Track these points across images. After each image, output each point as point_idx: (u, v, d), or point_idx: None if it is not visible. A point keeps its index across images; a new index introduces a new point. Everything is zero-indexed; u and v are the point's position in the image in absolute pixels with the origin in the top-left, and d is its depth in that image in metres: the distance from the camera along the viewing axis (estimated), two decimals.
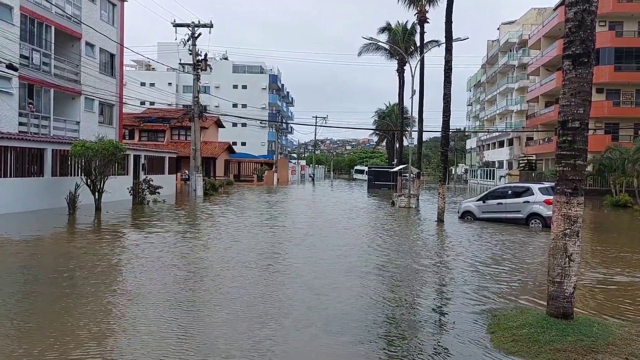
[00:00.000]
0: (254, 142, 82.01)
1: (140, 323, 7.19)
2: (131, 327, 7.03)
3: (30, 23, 25.41)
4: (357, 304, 8.40)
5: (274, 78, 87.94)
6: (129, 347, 6.30)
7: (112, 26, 32.67)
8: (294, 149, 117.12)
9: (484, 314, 7.91)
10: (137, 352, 6.10)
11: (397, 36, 52.52)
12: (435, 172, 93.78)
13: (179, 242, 14.37)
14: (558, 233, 6.94)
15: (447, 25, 23.13)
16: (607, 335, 6.52)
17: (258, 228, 18.13)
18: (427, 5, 45.02)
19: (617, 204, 32.93)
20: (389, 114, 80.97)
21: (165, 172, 33.82)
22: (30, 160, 21.71)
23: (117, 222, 18.99)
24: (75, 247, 13.44)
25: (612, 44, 44.99)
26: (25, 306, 7.85)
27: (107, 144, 21.93)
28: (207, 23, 32.79)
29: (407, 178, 31.83)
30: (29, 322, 7.10)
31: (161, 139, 53.40)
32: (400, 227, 20.13)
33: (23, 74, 24.45)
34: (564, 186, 6.92)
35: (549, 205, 19.18)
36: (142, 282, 9.55)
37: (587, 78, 6.85)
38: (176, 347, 6.31)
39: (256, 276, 10.31)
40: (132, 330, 6.91)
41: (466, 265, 11.96)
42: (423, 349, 6.54)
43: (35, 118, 25.79)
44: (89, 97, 30.09)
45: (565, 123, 6.95)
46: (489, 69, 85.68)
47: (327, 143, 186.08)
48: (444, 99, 22.77)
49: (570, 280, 6.89)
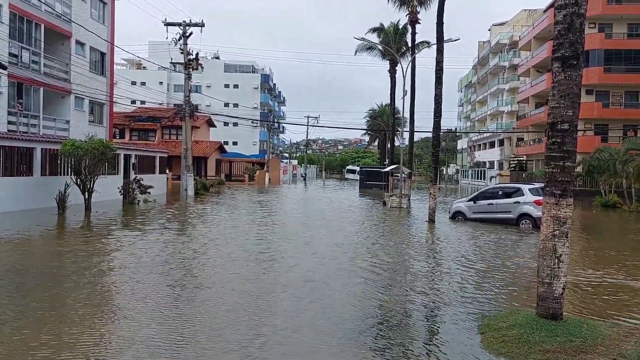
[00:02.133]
0: (246, 141, 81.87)
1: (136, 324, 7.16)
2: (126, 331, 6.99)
3: (20, 21, 25.20)
4: (347, 305, 8.40)
5: (265, 77, 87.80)
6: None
7: (103, 25, 32.47)
8: (285, 149, 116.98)
9: (474, 314, 7.95)
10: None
11: (389, 37, 52.65)
12: (426, 172, 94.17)
13: (169, 242, 14.28)
14: (547, 234, 6.98)
15: (439, 26, 23.22)
16: (596, 335, 6.57)
17: (249, 228, 18.08)
18: (419, 6, 45.14)
19: (607, 204, 33.18)
20: (380, 114, 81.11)
21: (156, 172, 33.65)
22: (20, 160, 21.51)
23: (106, 222, 18.88)
24: (64, 248, 13.34)
25: (601, 45, 45.29)
26: (13, 313, 7.78)
27: (97, 143, 21.79)
28: (199, 22, 32.67)
29: (398, 178, 31.91)
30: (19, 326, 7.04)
31: (152, 138, 53.15)
32: (392, 227, 20.16)
33: (12, 72, 24.24)
34: (553, 187, 6.97)
35: (539, 206, 19.28)
36: (132, 283, 9.50)
37: (576, 80, 6.90)
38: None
39: (251, 278, 10.29)
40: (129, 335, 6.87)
41: (456, 266, 12.00)
42: (413, 349, 6.56)
43: (25, 117, 25.57)
44: (79, 96, 29.89)
45: (555, 125, 6.99)
46: (479, 70, 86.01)
47: (319, 143, 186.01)
48: (435, 100, 22.86)
49: (559, 281, 6.93)
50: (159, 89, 75.12)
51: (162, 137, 53.74)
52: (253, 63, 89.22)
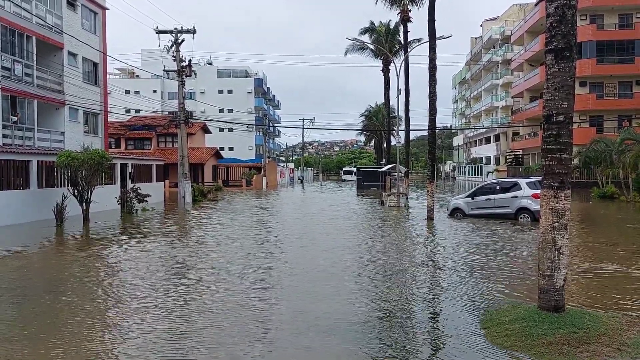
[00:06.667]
0: (242, 146, 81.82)
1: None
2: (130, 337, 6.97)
3: (11, 34, 25.13)
4: (350, 302, 8.38)
5: (259, 82, 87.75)
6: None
7: (95, 35, 32.42)
8: (281, 152, 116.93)
9: (477, 309, 7.94)
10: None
11: (381, 36, 52.72)
12: (423, 170, 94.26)
13: (169, 252, 14.23)
14: (547, 227, 6.98)
15: (430, 24, 23.27)
16: (599, 326, 6.57)
17: (250, 234, 18.05)
18: (410, 4, 45.28)
19: (604, 195, 33.26)
20: (375, 114, 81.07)
21: (153, 180, 33.59)
22: (16, 173, 21.43)
23: (105, 232, 18.77)
24: (65, 260, 13.30)
25: (593, 37, 45.47)
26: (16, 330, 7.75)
27: (93, 153, 21.74)
28: (190, 29, 32.61)
29: (395, 177, 31.93)
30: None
31: (148, 146, 53.07)
32: (391, 226, 20.17)
33: (5, 85, 24.18)
34: (551, 180, 6.96)
35: (537, 200, 19.31)
36: (135, 294, 9.47)
37: (570, 72, 6.90)
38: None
39: (251, 286, 10.27)
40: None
41: (457, 261, 12.00)
42: (417, 345, 6.55)
43: (20, 130, 25.50)
44: (73, 106, 29.82)
45: (550, 117, 6.99)
46: (473, 66, 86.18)
47: (315, 145, 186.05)
48: (430, 97, 22.89)
49: (560, 273, 6.92)
50: (153, 97, 75.12)
51: (158, 145, 53.67)
52: (246, 68, 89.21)
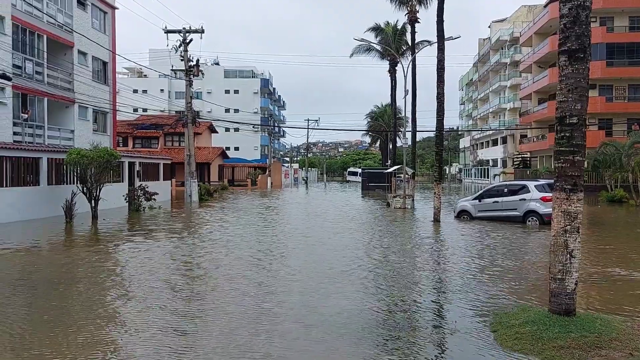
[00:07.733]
0: (247, 146, 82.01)
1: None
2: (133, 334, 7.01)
3: (22, 32, 25.31)
4: (358, 304, 8.38)
5: (265, 82, 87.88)
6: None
7: (104, 34, 32.58)
8: (286, 153, 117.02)
9: (486, 312, 7.91)
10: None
11: (388, 37, 52.62)
12: (429, 172, 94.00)
13: (178, 249, 14.28)
14: (558, 230, 6.94)
15: (439, 24, 23.18)
16: (610, 330, 6.53)
17: (257, 232, 18.07)
18: (418, 5, 45.21)
19: (613, 199, 33.02)
20: (381, 115, 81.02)
21: (160, 179, 33.71)
22: (26, 170, 21.60)
23: (114, 230, 18.86)
24: (77, 257, 13.35)
25: (603, 39, 45.20)
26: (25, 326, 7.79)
27: (101, 151, 21.85)
28: (198, 29, 32.69)
29: (401, 179, 31.84)
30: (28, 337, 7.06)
31: (155, 145, 53.28)
32: (397, 228, 20.11)
33: (16, 83, 24.35)
34: (564, 182, 6.92)
35: (545, 203, 19.25)
36: (145, 290, 9.51)
37: (584, 73, 6.87)
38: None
39: (259, 285, 10.29)
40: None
41: (466, 264, 11.97)
42: (426, 348, 6.53)
43: (30, 127, 25.69)
44: (83, 105, 29.99)
45: (563, 119, 6.95)
46: (480, 68, 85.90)
47: (320, 145, 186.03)
48: (438, 99, 22.78)
49: (571, 277, 6.88)
50: (161, 96, 75.40)
51: (165, 144, 53.88)
52: (252, 68, 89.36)
